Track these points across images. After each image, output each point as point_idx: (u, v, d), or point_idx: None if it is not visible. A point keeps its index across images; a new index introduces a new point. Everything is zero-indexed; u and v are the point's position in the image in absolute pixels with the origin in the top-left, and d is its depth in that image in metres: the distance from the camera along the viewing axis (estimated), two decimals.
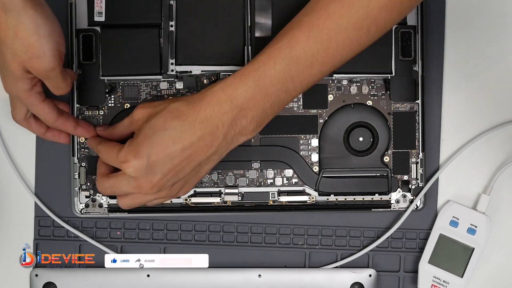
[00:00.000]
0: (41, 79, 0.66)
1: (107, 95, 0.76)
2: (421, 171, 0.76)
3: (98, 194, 0.76)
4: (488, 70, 0.78)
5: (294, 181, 0.76)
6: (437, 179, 0.78)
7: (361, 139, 0.76)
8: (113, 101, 0.76)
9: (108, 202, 0.76)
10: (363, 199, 0.76)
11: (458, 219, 0.77)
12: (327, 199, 0.76)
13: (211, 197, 0.76)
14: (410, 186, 0.77)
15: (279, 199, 0.76)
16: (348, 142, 0.76)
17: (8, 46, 0.63)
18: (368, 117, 0.76)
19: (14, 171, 0.78)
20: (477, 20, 0.78)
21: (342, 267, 0.78)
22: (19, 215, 0.79)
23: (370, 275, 0.78)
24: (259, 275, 0.78)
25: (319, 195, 0.76)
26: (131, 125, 0.69)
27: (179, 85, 0.76)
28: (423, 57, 0.76)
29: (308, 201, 0.76)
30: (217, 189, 0.76)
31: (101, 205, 0.76)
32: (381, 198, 0.76)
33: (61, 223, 0.78)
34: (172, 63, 0.75)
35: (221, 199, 0.76)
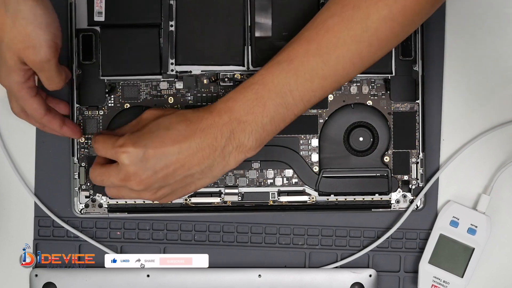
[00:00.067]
0: (36, 70, 0.66)
1: (107, 95, 0.76)
2: (421, 171, 0.76)
3: (98, 194, 0.76)
4: (488, 70, 0.78)
5: (294, 181, 0.76)
6: (437, 179, 0.78)
7: (361, 139, 0.76)
8: (113, 101, 0.76)
9: (108, 202, 0.76)
10: (363, 199, 0.76)
11: (458, 219, 0.77)
12: (327, 199, 0.76)
13: (211, 197, 0.76)
14: (410, 186, 0.76)
15: (279, 199, 0.76)
16: (348, 142, 0.76)
17: (5, 34, 0.63)
18: (368, 117, 0.76)
19: (14, 171, 0.78)
20: (477, 20, 0.78)
21: (342, 267, 0.78)
22: (19, 215, 0.79)
23: (370, 275, 0.78)
24: (259, 275, 0.78)
25: (319, 195, 0.76)
26: (138, 124, 0.69)
27: (179, 85, 0.76)
28: (423, 57, 0.76)
29: (308, 201, 0.76)
30: (217, 189, 0.76)
31: (101, 205, 0.76)
32: (381, 198, 0.76)
33: (61, 223, 0.78)
34: (172, 63, 0.75)
35: (221, 199, 0.76)
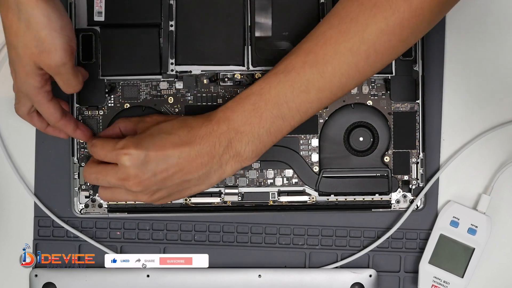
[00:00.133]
0: (52, 75, 0.65)
1: (107, 95, 0.75)
2: (421, 171, 0.76)
3: (97, 194, 0.76)
4: (488, 70, 0.78)
5: (294, 181, 0.76)
6: (438, 179, 0.77)
7: (361, 139, 0.76)
8: (112, 101, 0.76)
9: (107, 202, 0.76)
10: (363, 199, 0.76)
11: (458, 219, 0.77)
12: (327, 199, 0.76)
13: (211, 197, 0.76)
14: (410, 186, 0.76)
15: (279, 199, 0.76)
16: (348, 142, 0.76)
17: (20, 40, 0.62)
18: (368, 117, 0.76)
19: (13, 171, 0.78)
20: (477, 20, 0.78)
21: (342, 267, 0.78)
22: (19, 215, 0.78)
23: (370, 276, 0.77)
24: (259, 275, 0.78)
25: (319, 195, 0.76)
26: (138, 123, 0.70)
27: (179, 85, 0.76)
28: (423, 57, 0.75)
29: (308, 201, 0.76)
30: (217, 189, 0.76)
31: (100, 205, 0.76)
32: (382, 198, 0.76)
33: (61, 223, 0.78)
34: (172, 63, 0.75)
35: (221, 199, 0.76)
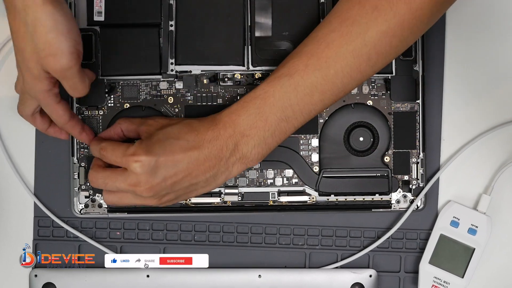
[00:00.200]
0: (58, 78, 0.65)
1: (107, 95, 0.75)
2: (421, 171, 0.76)
3: (97, 194, 0.76)
4: (488, 70, 0.78)
5: (294, 181, 0.76)
6: (438, 179, 0.77)
7: (361, 139, 0.76)
8: (112, 101, 0.76)
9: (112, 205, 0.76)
10: (364, 199, 0.76)
11: (458, 219, 0.76)
12: (327, 199, 0.76)
13: (211, 197, 0.76)
14: (410, 186, 0.76)
15: (279, 199, 0.76)
16: (348, 142, 0.76)
17: (27, 43, 0.62)
18: (368, 117, 0.76)
19: (13, 172, 0.78)
20: (477, 20, 0.78)
21: (342, 267, 0.78)
22: (19, 216, 0.78)
23: (370, 276, 0.77)
24: (259, 276, 0.78)
25: (319, 195, 0.76)
26: (141, 125, 0.70)
27: (179, 85, 0.75)
28: (423, 57, 0.75)
29: (308, 201, 0.76)
30: (217, 189, 0.76)
31: (100, 205, 0.76)
32: (382, 198, 0.76)
33: (61, 223, 0.78)
34: (171, 63, 0.75)
35: (221, 199, 0.76)
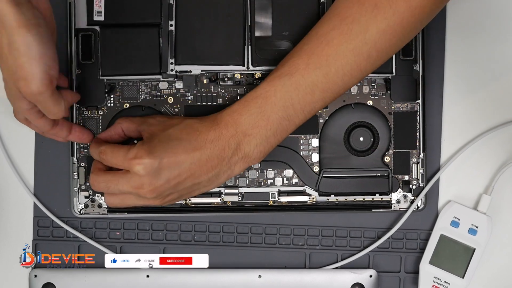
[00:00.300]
0: (31, 101, 0.64)
1: (107, 95, 0.75)
2: (421, 171, 0.76)
3: (97, 194, 0.76)
4: (489, 70, 0.78)
5: (294, 181, 0.76)
6: (438, 179, 0.77)
7: (361, 139, 0.75)
8: (112, 101, 0.76)
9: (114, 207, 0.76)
10: (364, 199, 0.76)
11: (459, 220, 0.76)
12: (328, 199, 0.76)
13: (211, 197, 0.76)
14: (410, 186, 0.76)
15: (279, 199, 0.76)
16: (348, 142, 0.76)
17: (4, 63, 0.62)
18: (368, 117, 0.76)
19: (13, 172, 0.78)
20: (477, 20, 0.78)
21: (342, 267, 0.78)
22: (18, 216, 0.78)
23: (370, 276, 0.77)
24: (259, 276, 0.77)
25: (320, 195, 0.76)
26: (141, 125, 0.70)
27: (179, 85, 0.75)
28: (424, 56, 0.75)
29: (308, 202, 0.76)
30: (217, 189, 0.76)
31: (100, 206, 0.76)
32: (382, 198, 0.76)
33: (60, 223, 0.77)
34: (171, 63, 0.75)
35: (221, 199, 0.76)
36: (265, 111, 0.66)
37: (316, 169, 0.76)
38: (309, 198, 0.76)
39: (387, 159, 0.76)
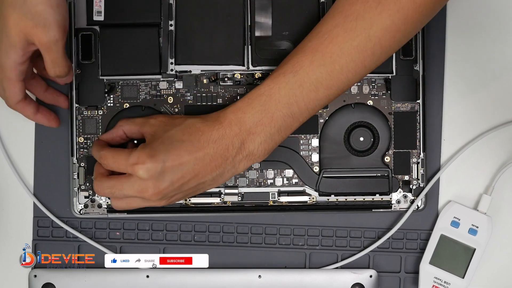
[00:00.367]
0: (42, 51, 0.65)
1: (106, 95, 0.75)
2: (422, 171, 0.76)
3: (97, 194, 0.76)
4: (489, 70, 0.78)
5: (294, 181, 0.76)
6: (438, 179, 0.77)
7: (361, 139, 0.75)
8: (112, 101, 0.75)
9: (107, 202, 0.76)
10: (364, 199, 0.76)
11: (459, 220, 0.76)
12: (328, 200, 0.76)
13: (211, 197, 0.76)
14: (411, 186, 0.76)
15: (279, 199, 0.76)
16: (348, 142, 0.75)
17: (15, 10, 0.63)
18: (368, 117, 0.76)
19: (13, 172, 0.78)
20: (478, 19, 0.78)
21: (342, 267, 0.78)
22: (18, 216, 0.78)
23: (370, 276, 0.77)
24: (259, 276, 0.77)
25: (320, 195, 0.76)
26: (143, 126, 0.70)
27: (179, 85, 0.75)
28: (424, 56, 0.75)
29: (308, 202, 0.76)
30: (217, 189, 0.76)
31: (100, 206, 0.76)
32: (382, 198, 0.76)
33: (60, 223, 0.77)
34: (171, 63, 0.75)
35: (221, 200, 0.76)
36: (269, 109, 0.66)
37: (316, 169, 0.76)
38: (309, 198, 0.76)
39: (387, 159, 0.76)
